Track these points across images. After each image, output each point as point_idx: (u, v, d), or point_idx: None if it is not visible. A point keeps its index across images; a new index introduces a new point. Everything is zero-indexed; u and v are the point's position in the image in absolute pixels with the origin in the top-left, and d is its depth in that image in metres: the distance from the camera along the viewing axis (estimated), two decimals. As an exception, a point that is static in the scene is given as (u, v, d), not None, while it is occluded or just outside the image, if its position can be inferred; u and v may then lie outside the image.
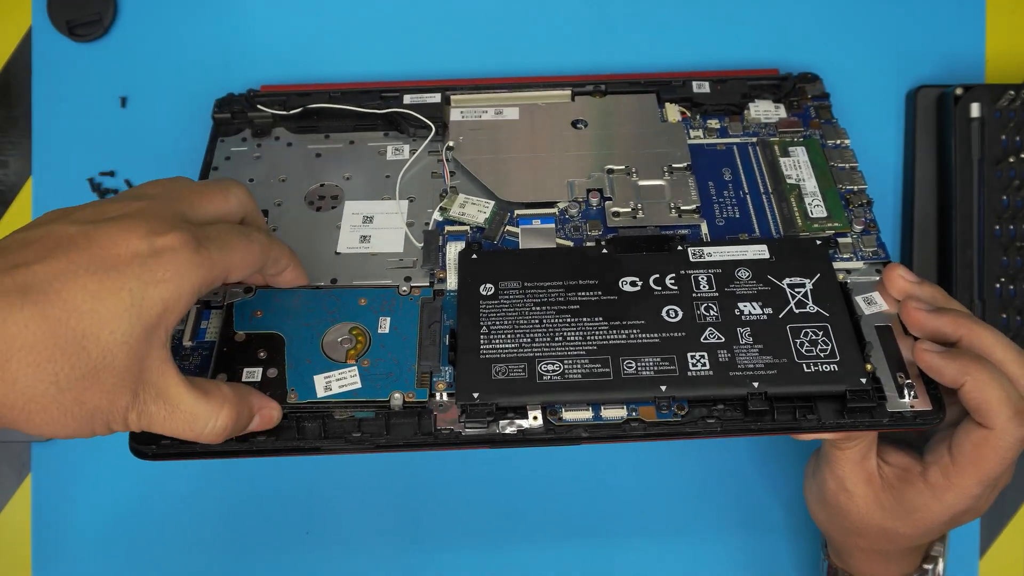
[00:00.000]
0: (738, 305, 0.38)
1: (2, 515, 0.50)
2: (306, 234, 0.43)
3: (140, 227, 0.29)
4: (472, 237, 0.42)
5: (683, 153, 0.45)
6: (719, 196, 0.43)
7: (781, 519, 0.50)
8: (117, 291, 0.28)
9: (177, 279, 0.29)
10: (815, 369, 0.36)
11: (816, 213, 0.42)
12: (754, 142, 0.46)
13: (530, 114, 0.47)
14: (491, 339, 0.37)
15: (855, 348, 0.37)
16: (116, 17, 0.52)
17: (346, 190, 0.45)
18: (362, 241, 0.43)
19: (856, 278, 0.40)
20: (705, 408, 0.36)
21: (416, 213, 0.44)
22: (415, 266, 0.41)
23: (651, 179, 0.44)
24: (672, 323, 0.38)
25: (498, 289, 0.39)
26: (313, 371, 0.37)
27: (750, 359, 0.36)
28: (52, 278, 0.27)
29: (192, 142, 0.49)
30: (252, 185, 0.45)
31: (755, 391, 0.36)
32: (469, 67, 0.52)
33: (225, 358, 0.37)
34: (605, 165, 0.45)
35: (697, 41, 0.53)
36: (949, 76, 0.52)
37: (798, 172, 0.44)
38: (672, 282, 0.39)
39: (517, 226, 0.42)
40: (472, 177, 0.44)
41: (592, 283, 0.39)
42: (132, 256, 0.28)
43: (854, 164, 0.44)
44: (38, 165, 0.50)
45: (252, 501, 0.48)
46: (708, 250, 0.40)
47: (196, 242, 0.30)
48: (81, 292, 0.27)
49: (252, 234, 0.34)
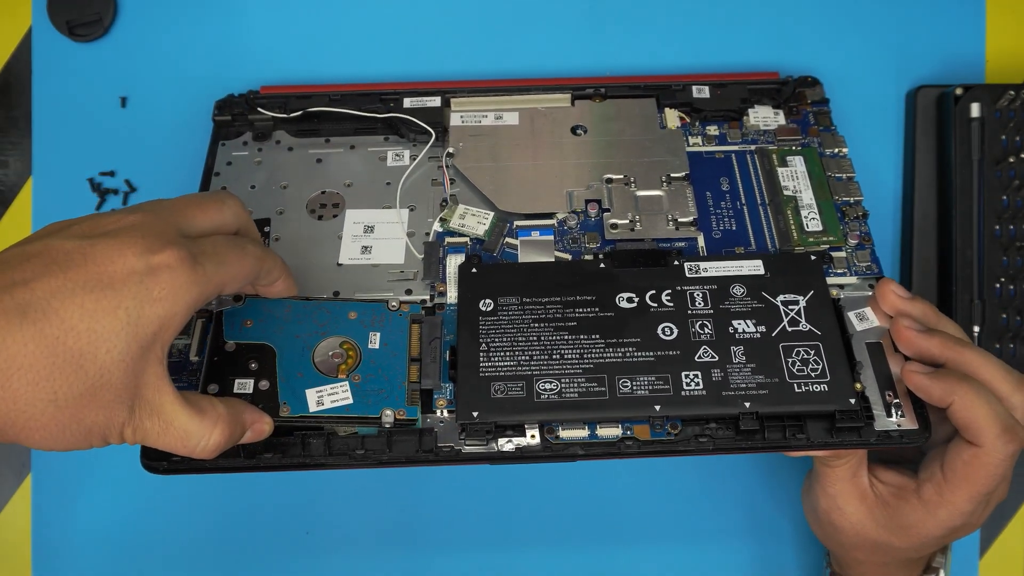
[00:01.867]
0: (732, 323, 0.39)
1: (2, 515, 0.50)
2: (308, 244, 0.43)
3: (136, 243, 0.29)
4: (472, 249, 0.43)
5: (682, 162, 0.45)
6: (716, 207, 0.44)
7: (785, 526, 0.50)
8: (113, 310, 0.28)
9: (173, 297, 0.29)
10: (805, 389, 0.37)
11: (812, 226, 0.43)
12: (752, 150, 0.46)
13: (530, 119, 0.47)
14: (490, 356, 0.38)
15: (845, 368, 0.37)
16: (116, 17, 0.52)
17: (347, 198, 0.45)
18: (363, 252, 0.43)
19: (849, 293, 0.41)
20: (698, 426, 0.37)
21: (417, 222, 0.44)
22: (416, 278, 0.42)
23: (649, 189, 0.44)
24: (667, 341, 0.38)
25: (497, 305, 0.40)
26: (305, 384, 0.37)
27: (742, 378, 0.37)
28: (50, 296, 0.28)
29: (192, 142, 0.49)
30: (254, 192, 0.45)
31: (747, 411, 0.37)
32: (469, 67, 0.52)
33: (216, 368, 0.38)
34: (604, 174, 0.45)
35: (697, 39, 0.53)
36: (949, 76, 0.52)
37: (795, 183, 0.44)
38: (668, 298, 0.40)
39: (516, 238, 0.43)
40: (472, 185, 0.45)
41: (589, 299, 0.40)
42: (128, 274, 0.29)
43: (851, 174, 0.45)
44: (38, 165, 0.50)
45: (252, 502, 0.49)
46: (704, 265, 0.41)
47: (192, 258, 0.30)
48: (78, 311, 0.28)
49: (247, 246, 0.34)
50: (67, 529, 0.49)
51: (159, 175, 0.49)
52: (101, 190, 0.49)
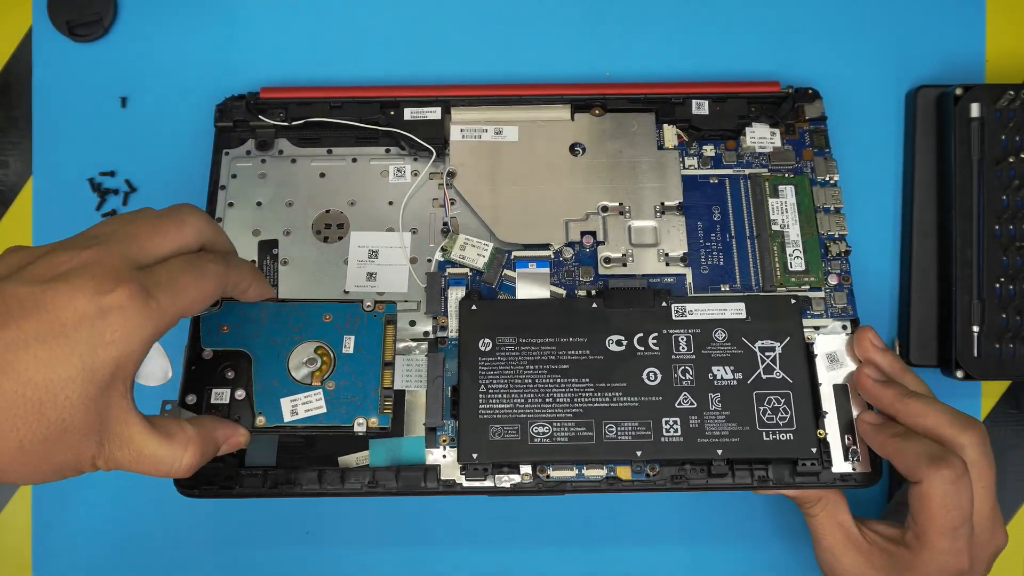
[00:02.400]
0: (712, 368, 0.42)
1: (2, 515, 0.50)
2: (315, 269, 0.46)
3: (87, 285, 0.29)
4: (472, 279, 0.45)
5: (676, 190, 0.46)
6: (706, 239, 0.46)
7: (779, 527, 0.50)
8: (67, 358, 0.29)
9: (126, 338, 0.29)
10: (773, 438, 0.41)
11: (795, 266, 0.45)
12: (746, 175, 0.47)
13: (529, 135, 0.48)
14: (488, 398, 0.42)
15: (811, 418, 0.41)
16: (116, 17, 0.51)
17: (351, 218, 0.47)
18: (369, 279, 0.45)
19: (823, 335, 0.44)
20: (674, 467, 0.42)
21: (419, 247, 0.46)
22: (419, 309, 0.45)
23: (643, 219, 0.46)
24: (651, 387, 0.42)
25: (495, 345, 0.43)
26: (280, 393, 0.38)
27: (717, 426, 0.41)
28: (4, 349, 0.28)
29: (192, 142, 0.50)
30: (260, 209, 0.47)
31: (718, 458, 0.41)
32: (470, 67, 0.51)
33: (193, 377, 0.38)
34: (600, 201, 0.46)
35: (697, 38, 0.52)
36: (949, 76, 0.52)
37: (784, 216, 0.46)
38: (655, 342, 0.43)
39: (515, 269, 0.45)
40: (472, 209, 0.46)
41: (581, 340, 0.43)
42: (79, 319, 0.29)
43: (839, 204, 0.46)
44: (38, 165, 0.50)
45: (252, 502, 0.48)
46: (690, 308, 0.43)
47: (144, 293, 0.30)
48: (33, 362, 0.28)
49: (206, 267, 0.33)
50: (67, 529, 0.49)
51: (159, 175, 0.50)
52: (101, 190, 0.50)
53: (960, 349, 0.47)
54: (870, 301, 0.49)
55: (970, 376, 0.47)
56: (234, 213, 0.47)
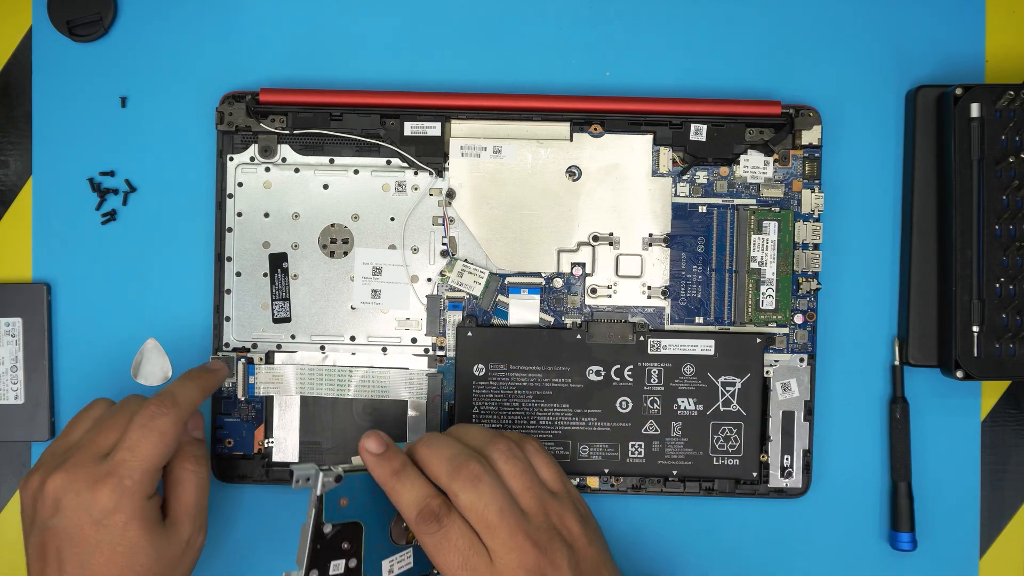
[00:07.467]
0: (677, 400, 0.48)
1: (2, 515, 0.51)
2: (323, 284, 0.49)
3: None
4: (469, 303, 0.49)
5: (665, 221, 0.49)
6: (688, 271, 0.49)
7: (770, 528, 0.51)
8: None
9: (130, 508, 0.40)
10: (722, 463, 0.48)
11: (766, 304, 0.49)
12: (734, 205, 0.49)
13: (527, 156, 0.49)
14: (480, 419, 0.48)
15: (756, 447, 0.48)
16: (116, 17, 0.49)
17: (355, 233, 0.49)
18: (373, 296, 0.49)
19: (780, 367, 0.49)
20: (635, 479, 0.49)
21: (419, 265, 0.49)
22: (421, 328, 0.49)
23: (631, 250, 0.49)
24: (622, 414, 0.48)
25: (488, 371, 0.48)
26: (382, 556, 0.42)
27: (675, 451, 0.48)
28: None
29: (192, 142, 0.50)
30: (268, 221, 0.49)
31: (673, 477, 0.48)
32: (470, 68, 0.50)
33: (317, 554, 0.40)
34: (591, 230, 0.49)
35: (697, 38, 0.51)
36: (949, 76, 0.51)
37: (763, 254, 0.49)
38: (629, 373, 0.48)
39: (508, 295, 0.49)
40: (469, 233, 0.49)
41: (565, 369, 0.48)
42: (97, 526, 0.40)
43: (818, 240, 0.49)
44: (38, 165, 0.50)
45: (252, 503, 0.51)
46: (665, 343, 0.48)
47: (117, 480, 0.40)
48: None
49: (156, 423, 0.41)
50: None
51: (159, 175, 0.50)
52: (101, 190, 0.50)
53: (960, 349, 0.48)
54: (870, 301, 0.51)
55: (970, 376, 0.48)
56: (243, 224, 0.49)
